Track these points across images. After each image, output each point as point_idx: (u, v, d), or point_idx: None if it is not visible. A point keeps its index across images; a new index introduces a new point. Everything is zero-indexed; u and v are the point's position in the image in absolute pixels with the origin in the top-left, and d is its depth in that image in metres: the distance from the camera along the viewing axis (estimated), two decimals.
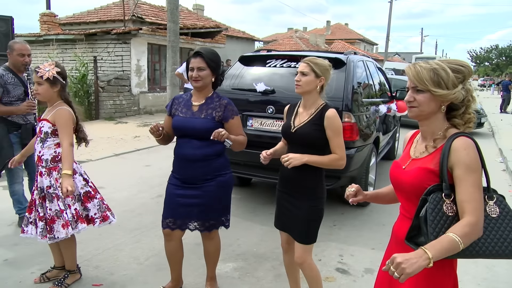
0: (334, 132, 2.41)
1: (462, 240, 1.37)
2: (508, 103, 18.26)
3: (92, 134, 9.80)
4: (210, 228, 2.81)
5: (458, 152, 1.47)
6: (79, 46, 12.97)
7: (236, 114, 2.75)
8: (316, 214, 2.49)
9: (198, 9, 22.40)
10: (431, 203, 1.45)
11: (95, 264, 3.42)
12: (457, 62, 1.55)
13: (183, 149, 2.71)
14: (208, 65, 2.63)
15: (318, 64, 2.44)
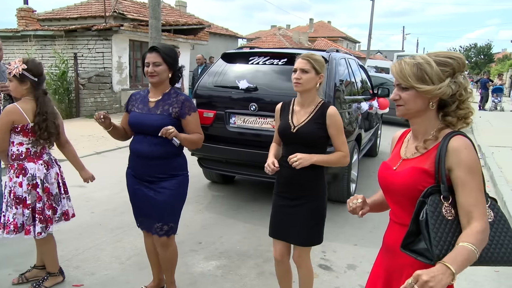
0: (337, 130, 2.37)
1: (478, 249, 1.27)
2: (486, 100, 18.66)
3: (72, 132, 9.65)
4: (169, 232, 2.67)
5: (459, 153, 1.36)
6: (59, 42, 12.71)
7: (194, 110, 2.65)
8: (320, 215, 2.45)
9: (180, 5, 22.19)
10: (431, 206, 1.35)
11: (76, 264, 3.36)
12: (446, 54, 1.44)
13: (139, 145, 2.62)
14: (164, 60, 2.55)
15: (317, 60, 2.36)
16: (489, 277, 3.36)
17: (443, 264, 1.23)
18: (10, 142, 2.76)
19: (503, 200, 5.11)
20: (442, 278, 1.20)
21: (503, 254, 1.37)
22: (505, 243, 1.38)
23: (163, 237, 2.66)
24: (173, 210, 2.67)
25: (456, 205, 1.37)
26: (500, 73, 22.27)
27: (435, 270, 1.22)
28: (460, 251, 1.27)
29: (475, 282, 3.28)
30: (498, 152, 8.05)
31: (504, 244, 1.38)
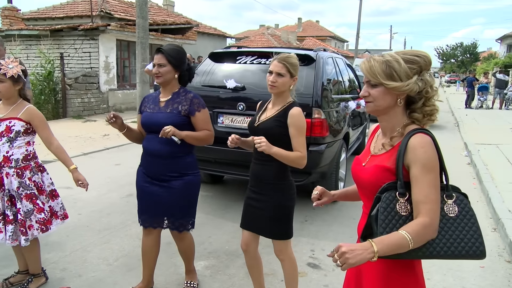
0: (297, 131, 2.39)
1: (413, 239, 1.32)
2: (472, 98, 18.89)
3: (59, 133, 9.56)
4: (180, 228, 2.78)
5: (415, 150, 1.40)
6: (44, 42, 12.55)
7: (203, 107, 2.70)
8: (284, 211, 2.49)
9: (168, 5, 22.06)
10: (384, 202, 1.40)
11: (62, 266, 3.32)
12: (413, 52, 1.48)
13: (150, 144, 2.70)
14: (169, 62, 2.61)
15: (293, 64, 2.40)
16: (475, 273, 3.41)
17: (369, 241, 1.32)
18: (25, 143, 2.78)
19: (488, 197, 5.18)
20: (362, 253, 1.29)
21: (462, 249, 1.40)
22: (467, 237, 1.41)
23: (174, 231, 2.79)
24: (182, 208, 2.74)
25: None
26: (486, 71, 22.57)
27: (358, 245, 1.32)
28: (392, 235, 1.35)
29: (461, 278, 3.32)
30: (484, 150, 8.17)
31: (466, 239, 1.41)
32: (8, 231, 2.68)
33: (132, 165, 6.65)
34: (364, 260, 1.29)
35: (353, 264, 1.28)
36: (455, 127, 12.26)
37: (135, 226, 4.20)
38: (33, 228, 2.72)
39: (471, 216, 1.44)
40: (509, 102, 18.29)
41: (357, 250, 1.29)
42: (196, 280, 3.09)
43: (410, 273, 1.49)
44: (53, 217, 2.87)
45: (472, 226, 1.43)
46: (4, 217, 2.70)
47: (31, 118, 2.74)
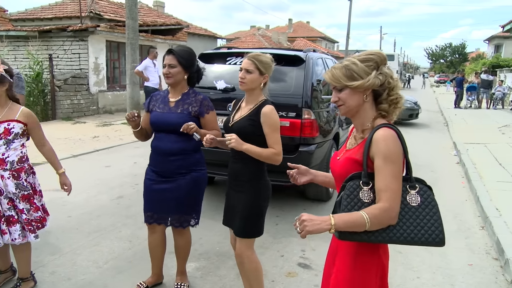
0: (270, 128, 2.42)
1: (370, 220, 1.44)
2: (461, 98, 19.09)
3: (48, 135, 9.43)
4: (184, 224, 2.86)
5: (378, 143, 1.51)
6: (33, 43, 12.43)
7: (212, 109, 2.82)
8: (255, 209, 2.52)
9: (158, 6, 21.97)
10: (347, 189, 1.52)
11: (51, 269, 3.29)
12: (366, 52, 1.63)
13: (160, 143, 2.79)
14: (179, 63, 2.69)
15: (262, 61, 2.43)
16: (463, 270, 3.45)
17: (330, 216, 1.47)
18: (21, 145, 2.78)
19: (476, 195, 5.24)
20: (319, 224, 1.45)
21: (422, 236, 1.50)
22: (427, 226, 1.51)
23: (179, 228, 2.86)
24: (189, 203, 2.83)
25: None
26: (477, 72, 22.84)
27: (318, 217, 1.47)
28: (351, 213, 1.49)
29: (450, 275, 3.36)
30: (472, 149, 8.26)
31: (426, 227, 1.51)
32: (16, 231, 2.71)
33: (122, 167, 6.62)
34: (321, 230, 1.45)
35: (310, 231, 1.44)
36: (444, 127, 12.38)
37: (125, 228, 4.19)
38: (26, 230, 2.76)
39: (433, 206, 1.53)
40: (497, 102, 18.53)
41: (316, 220, 1.46)
42: (187, 282, 3.09)
43: (375, 255, 1.60)
44: (45, 214, 2.93)
45: (434, 215, 1.52)
46: (6, 219, 2.69)
47: (28, 120, 2.75)
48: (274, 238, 4.02)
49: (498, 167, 6.79)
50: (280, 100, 4.01)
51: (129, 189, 5.37)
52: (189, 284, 3.12)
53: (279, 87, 4.40)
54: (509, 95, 18.87)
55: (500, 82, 19.47)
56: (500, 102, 18.53)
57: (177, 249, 3.01)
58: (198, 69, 2.84)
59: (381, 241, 1.51)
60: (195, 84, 2.88)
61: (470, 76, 28.21)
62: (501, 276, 3.39)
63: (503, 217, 4.38)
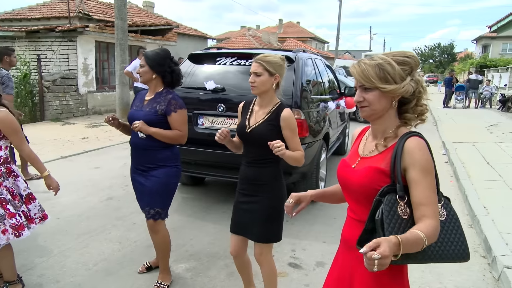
0: (291, 132, 2.39)
1: (427, 239, 1.30)
2: (450, 98, 19.30)
3: (37, 136, 9.39)
4: (156, 216, 2.92)
5: (413, 153, 1.39)
6: (20, 44, 12.29)
7: (180, 108, 2.88)
8: (276, 213, 2.47)
9: (148, 6, 21.84)
10: (387, 205, 1.36)
11: (39, 272, 3.26)
12: (402, 53, 1.47)
13: (133, 138, 2.96)
14: (146, 63, 2.88)
15: (270, 62, 2.38)
16: (452, 268, 3.48)
17: (397, 238, 1.23)
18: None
19: (465, 194, 5.30)
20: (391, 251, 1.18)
21: (452, 251, 1.43)
22: (455, 240, 1.44)
23: (150, 220, 2.93)
24: (159, 196, 2.91)
25: (411, 205, 1.39)
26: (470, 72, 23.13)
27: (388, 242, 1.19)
28: (410, 233, 1.30)
29: (439, 274, 3.39)
30: (461, 148, 8.35)
31: (454, 242, 1.43)
32: None
33: (111, 168, 6.57)
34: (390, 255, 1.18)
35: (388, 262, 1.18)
36: (433, 126, 12.49)
37: (115, 229, 4.16)
38: (8, 233, 2.65)
39: (456, 220, 1.47)
40: (485, 101, 18.77)
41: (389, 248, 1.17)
42: (168, 282, 3.10)
43: (398, 277, 1.50)
44: (28, 222, 2.79)
45: (458, 229, 1.46)
46: None
47: (2, 123, 2.66)
48: None
49: (486, 166, 6.87)
50: None
51: (119, 191, 5.33)
52: (170, 284, 3.10)
53: None
54: (496, 95, 19.13)
55: (487, 82, 19.74)
56: (488, 102, 18.77)
57: (156, 247, 3.09)
58: (172, 70, 2.93)
59: (420, 261, 1.38)
60: (171, 84, 2.97)
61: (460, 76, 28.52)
62: (488, 274, 3.43)
63: (490, 216, 4.44)
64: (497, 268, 3.35)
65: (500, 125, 12.19)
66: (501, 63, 24.96)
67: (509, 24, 20.31)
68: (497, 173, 6.34)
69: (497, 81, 20.83)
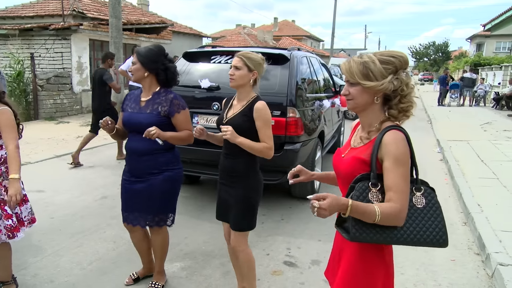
0: (262, 123, 2.50)
1: (381, 215, 1.44)
2: (444, 96, 19.38)
3: (31, 135, 9.32)
4: (160, 223, 2.86)
5: (388, 146, 1.51)
6: (13, 42, 12.20)
7: (183, 108, 2.78)
8: (249, 204, 2.59)
9: (142, 4, 21.75)
10: (357, 191, 1.51)
11: (33, 272, 3.24)
12: (389, 53, 1.58)
13: (131, 142, 2.79)
14: (138, 60, 2.73)
15: (251, 58, 2.51)
16: (446, 266, 3.50)
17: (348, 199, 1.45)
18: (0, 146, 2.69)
19: (459, 192, 5.33)
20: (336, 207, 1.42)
21: (427, 237, 1.54)
22: (432, 227, 1.54)
23: (154, 227, 2.86)
24: (165, 203, 2.83)
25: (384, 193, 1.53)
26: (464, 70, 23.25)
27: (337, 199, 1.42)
28: (366, 204, 1.48)
29: (433, 271, 3.40)
30: (455, 146, 8.38)
31: (430, 228, 1.54)
32: None
33: (105, 167, 6.54)
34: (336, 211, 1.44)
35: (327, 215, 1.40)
36: (428, 124, 12.54)
37: (109, 228, 4.14)
38: (1, 233, 2.63)
39: (436, 208, 1.56)
40: (479, 100, 18.86)
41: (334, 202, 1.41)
42: (163, 282, 3.08)
43: (379, 254, 1.62)
44: (20, 224, 2.75)
45: (437, 217, 1.56)
46: None
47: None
48: (260, 236, 4.02)
49: (480, 164, 6.91)
50: (264, 98, 3.97)
51: (113, 190, 5.30)
52: (165, 284, 3.09)
53: (264, 86, 4.38)
54: (490, 93, 19.23)
55: (481, 80, 19.83)
56: (482, 100, 18.87)
57: (154, 248, 3.02)
58: (166, 68, 2.77)
59: (389, 242, 1.53)
60: (166, 83, 2.81)
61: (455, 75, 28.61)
62: (482, 271, 3.45)
63: (484, 213, 4.46)
64: (491, 265, 3.37)
65: (494, 123, 12.26)
66: (495, 61, 25.10)
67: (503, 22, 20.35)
68: (491, 171, 6.38)
69: (491, 79, 20.94)
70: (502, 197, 5.08)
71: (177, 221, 4.39)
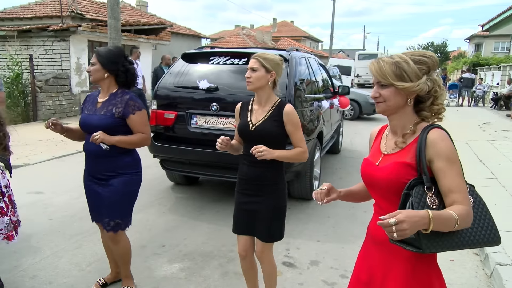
0: (294, 127, 2.42)
1: (459, 220, 1.35)
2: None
3: (29, 136, 9.30)
4: (116, 228, 2.76)
5: (437, 145, 1.45)
6: (11, 43, 12.19)
7: (138, 109, 2.69)
8: (280, 212, 2.50)
9: (141, 5, 21.76)
10: (415, 197, 1.41)
11: (32, 274, 3.23)
12: (420, 53, 1.53)
13: (87, 144, 2.75)
14: (98, 60, 2.67)
15: (267, 58, 2.40)
16: (445, 266, 3.49)
17: (427, 211, 1.32)
18: None
19: None
20: (418, 221, 1.28)
21: (483, 236, 1.46)
22: (485, 225, 1.48)
23: (110, 232, 2.76)
24: (120, 207, 2.75)
25: (439, 195, 1.44)
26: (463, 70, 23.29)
27: (415, 212, 1.30)
28: (443, 211, 1.37)
29: None
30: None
31: (484, 227, 1.47)
32: None
33: None
34: (418, 229, 1.29)
35: (410, 234, 1.27)
36: None
37: None
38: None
39: (483, 205, 1.51)
40: (478, 100, 18.89)
41: (414, 217, 1.27)
42: (133, 285, 3.01)
43: (434, 269, 1.55)
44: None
45: (486, 214, 1.50)
46: None
47: None
48: None
49: (478, 164, 6.91)
50: None
51: None
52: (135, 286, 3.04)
53: None
54: (489, 93, 19.26)
55: (480, 81, 19.86)
56: (480, 100, 18.90)
57: (117, 257, 2.92)
58: (126, 69, 2.73)
59: (457, 247, 1.44)
60: (126, 84, 2.76)
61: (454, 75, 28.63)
62: (481, 271, 3.45)
63: None
64: (490, 265, 3.37)
65: (492, 123, 12.28)
66: (493, 61, 25.13)
67: (501, 23, 20.42)
68: (489, 171, 6.39)
69: (490, 79, 20.97)
70: (501, 197, 5.08)
71: (176, 222, 4.43)
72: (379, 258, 1.60)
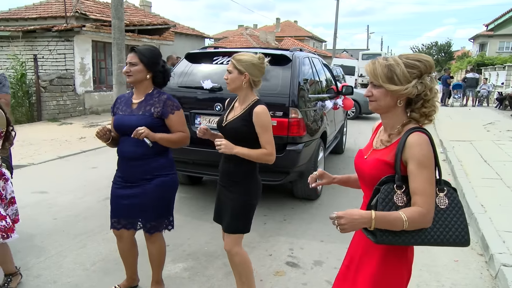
0: (262, 128, 2.45)
1: (408, 221, 1.45)
2: (448, 96, 19.32)
3: (34, 136, 9.35)
4: (151, 231, 2.74)
5: (412, 148, 1.51)
6: (16, 43, 12.25)
7: (177, 109, 2.68)
8: (245, 209, 2.56)
9: (145, 5, 21.81)
10: (382, 193, 1.52)
11: (36, 273, 3.25)
12: (415, 57, 1.58)
13: (122, 147, 2.69)
14: (141, 61, 2.59)
15: (241, 60, 2.44)
16: (449, 267, 3.49)
17: (371, 211, 1.48)
18: None
19: (462, 192, 5.31)
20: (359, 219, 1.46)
21: (450, 237, 1.55)
22: (454, 227, 1.56)
23: (146, 234, 2.77)
24: (156, 210, 2.70)
25: (409, 194, 1.54)
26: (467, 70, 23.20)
27: (359, 212, 1.48)
28: (391, 212, 1.50)
29: (436, 272, 3.39)
30: (458, 146, 8.36)
31: (453, 228, 1.55)
32: None
33: (109, 168, 6.53)
34: (360, 226, 1.48)
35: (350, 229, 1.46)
36: (430, 124, 12.47)
37: None
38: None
39: (459, 208, 1.58)
40: (482, 100, 18.81)
41: (355, 215, 1.46)
42: None
43: (403, 256, 1.64)
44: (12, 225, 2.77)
45: (460, 217, 1.57)
46: None
47: None
48: (262, 237, 4.02)
49: (483, 164, 6.88)
50: (267, 99, 4.00)
51: None
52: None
53: (266, 87, 4.39)
54: (493, 93, 19.17)
55: (484, 80, 19.77)
56: (485, 100, 18.81)
57: (150, 257, 2.90)
58: (164, 69, 2.71)
59: (414, 243, 1.54)
60: (161, 85, 2.75)
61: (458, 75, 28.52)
62: (485, 271, 3.44)
63: (488, 213, 4.45)
64: (495, 266, 3.36)
65: (497, 123, 12.22)
66: (498, 61, 25.03)
67: (505, 22, 20.33)
68: (494, 171, 6.36)
69: (494, 79, 20.88)
70: (506, 197, 5.06)
71: (180, 222, 4.43)
72: (359, 243, 1.73)
